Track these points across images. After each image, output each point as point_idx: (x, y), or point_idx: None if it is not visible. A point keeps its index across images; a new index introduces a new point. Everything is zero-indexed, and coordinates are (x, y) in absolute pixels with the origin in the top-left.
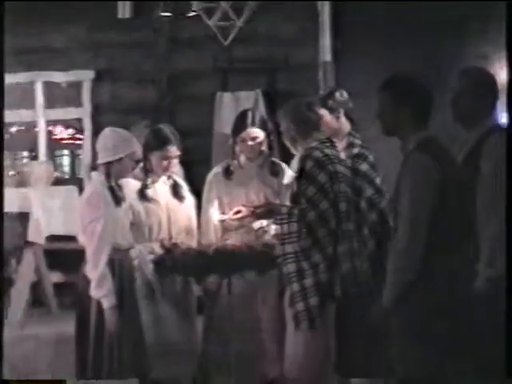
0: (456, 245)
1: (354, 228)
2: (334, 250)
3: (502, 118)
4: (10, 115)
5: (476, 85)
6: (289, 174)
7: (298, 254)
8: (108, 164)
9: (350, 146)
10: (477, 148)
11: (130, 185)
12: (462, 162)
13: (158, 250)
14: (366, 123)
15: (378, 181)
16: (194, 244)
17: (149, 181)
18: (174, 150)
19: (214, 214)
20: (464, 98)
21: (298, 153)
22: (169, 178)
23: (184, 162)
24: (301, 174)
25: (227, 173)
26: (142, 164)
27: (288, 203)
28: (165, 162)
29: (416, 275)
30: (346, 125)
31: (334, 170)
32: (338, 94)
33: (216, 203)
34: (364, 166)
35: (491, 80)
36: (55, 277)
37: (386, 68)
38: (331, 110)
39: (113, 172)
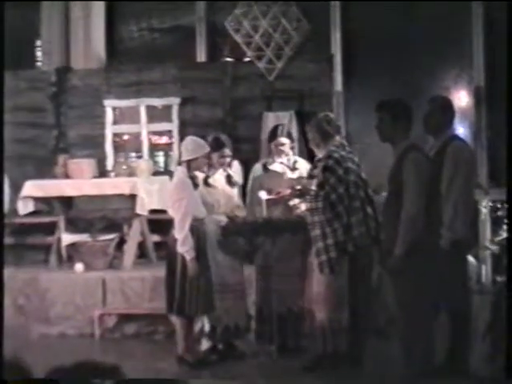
0: (435, 213)
1: (359, 205)
2: (348, 220)
3: (458, 130)
4: (123, 128)
5: (440, 108)
6: (306, 166)
7: (323, 223)
8: (189, 161)
9: None
10: (442, 150)
11: (198, 175)
12: (432, 159)
13: (224, 220)
14: (364, 134)
15: (363, 174)
16: (242, 215)
17: (210, 173)
18: (227, 151)
19: (263, 195)
20: (432, 117)
21: (320, 154)
22: (224, 170)
23: (242, 160)
24: (325, 168)
25: (264, 167)
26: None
27: (314, 188)
28: (221, 160)
29: (420, 235)
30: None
31: (346, 166)
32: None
33: (262, 188)
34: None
35: (450, 105)
36: (154, 237)
37: (380, 95)
38: None
39: (192, 166)
